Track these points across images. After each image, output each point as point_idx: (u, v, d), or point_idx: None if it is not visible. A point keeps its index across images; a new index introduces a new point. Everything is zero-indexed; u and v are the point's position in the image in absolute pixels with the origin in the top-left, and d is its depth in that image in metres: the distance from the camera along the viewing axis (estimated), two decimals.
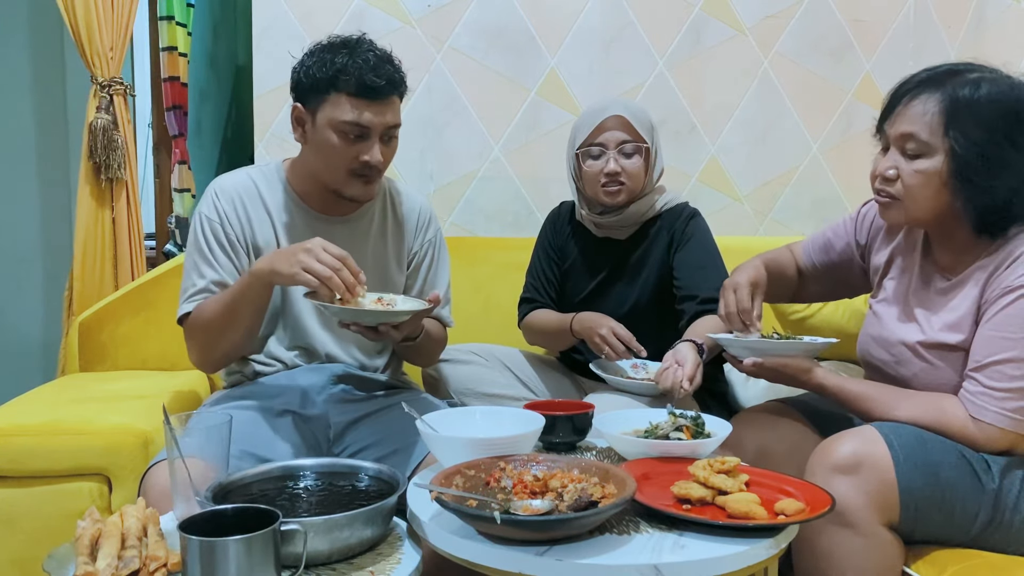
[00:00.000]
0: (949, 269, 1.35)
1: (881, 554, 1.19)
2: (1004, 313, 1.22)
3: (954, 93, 1.24)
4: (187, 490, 1.08)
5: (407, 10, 2.35)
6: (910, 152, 1.28)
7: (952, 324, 1.30)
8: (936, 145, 1.25)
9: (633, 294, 1.82)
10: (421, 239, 1.66)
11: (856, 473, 1.18)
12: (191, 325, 1.48)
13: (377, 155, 1.46)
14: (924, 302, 1.37)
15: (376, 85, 1.42)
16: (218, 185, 1.56)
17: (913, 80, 1.30)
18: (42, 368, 3.04)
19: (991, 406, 1.21)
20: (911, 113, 1.27)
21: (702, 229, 1.82)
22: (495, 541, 0.99)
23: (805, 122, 2.61)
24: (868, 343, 1.45)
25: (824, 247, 1.59)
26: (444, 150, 2.41)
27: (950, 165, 1.25)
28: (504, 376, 1.87)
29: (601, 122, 1.75)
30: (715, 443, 1.26)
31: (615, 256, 1.85)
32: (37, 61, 3.09)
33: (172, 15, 2.85)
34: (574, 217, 1.92)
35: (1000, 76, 1.26)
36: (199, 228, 1.53)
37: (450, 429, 1.26)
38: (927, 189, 1.27)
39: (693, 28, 2.51)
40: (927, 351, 1.32)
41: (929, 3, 2.66)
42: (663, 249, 1.81)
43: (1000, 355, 1.21)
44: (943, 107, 1.24)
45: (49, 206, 3.13)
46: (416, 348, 1.58)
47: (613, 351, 1.65)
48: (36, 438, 1.52)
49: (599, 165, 1.75)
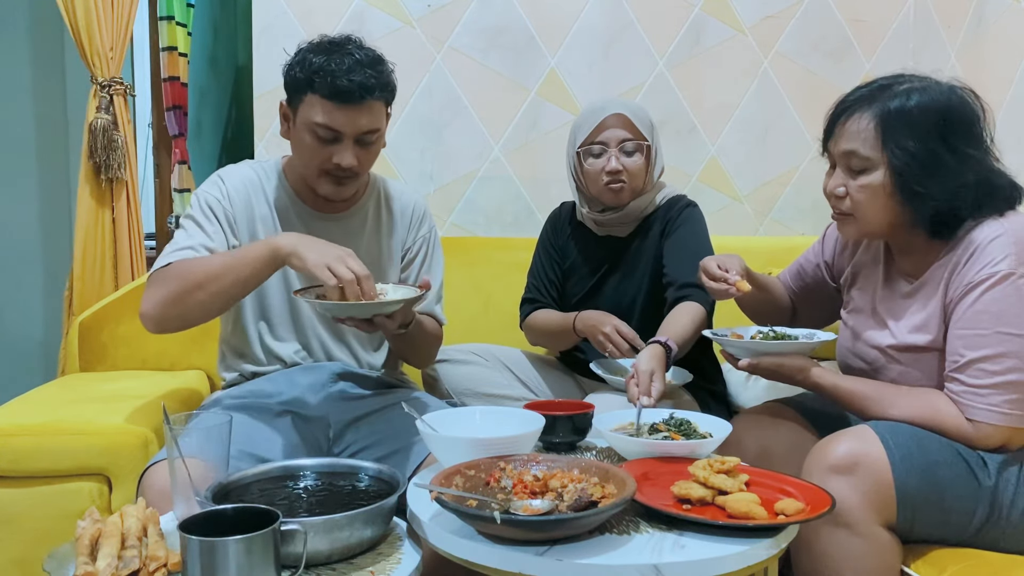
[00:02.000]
0: (911, 273, 1.37)
1: (879, 554, 1.19)
2: (972, 310, 1.24)
3: (886, 107, 1.28)
4: (187, 490, 1.08)
5: (407, 10, 2.35)
6: (854, 168, 1.32)
7: (919, 326, 1.32)
8: (876, 159, 1.29)
9: (632, 289, 1.82)
10: (415, 235, 1.67)
11: (852, 473, 1.18)
12: (165, 272, 1.40)
13: (349, 159, 1.45)
14: (891, 307, 1.38)
15: (347, 89, 1.41)
16: (224, 172, 1.57)
17: (849, 98, 1.34)
18: (42, 368, 3.04)
19: (979, 404, 1.22)
20: (848, 131, 1.31)
21: (694, 218, 1.82)
22: (495, 541, 0.99)
23: (805, 122, 2.61)
24: (845, 355, 1.48)
25: (798, 273, 1.64)
26: (444, 150, 2.41)
27: (892, 177, 1.28)
28: (504, 376, 1.86)
29: (602, 120, 1.76)
30: (715, 443, 1.26)
31: (615, 253, 1.85)
32: (37, 61, 3.09)
33: (172, 15, 2.84)
34: (575, 217, 1.93)
35: (931, 83, 1.30)
36: (200, 202, 1.51)
37: (450, 429, 1.26)
38: (875, 203, 1.31)
39: (693, 28, 2.50)
40: (899, 354, 1.34)
41: (929, 3, 2.66)
42: (657, 240, 1.81)
43: (976, 352, 1.22)
44: (877, 122, 1.28)
45: (49, 206, 3.13)
46: (411, 342, 1.57)
47: (617, 349, 1.65)
48: (36, 438, 1.52)
49: (600, 163, 1.75)
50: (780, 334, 1.48)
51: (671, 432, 1.31)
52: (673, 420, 1.36)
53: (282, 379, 1.53)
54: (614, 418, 1.37)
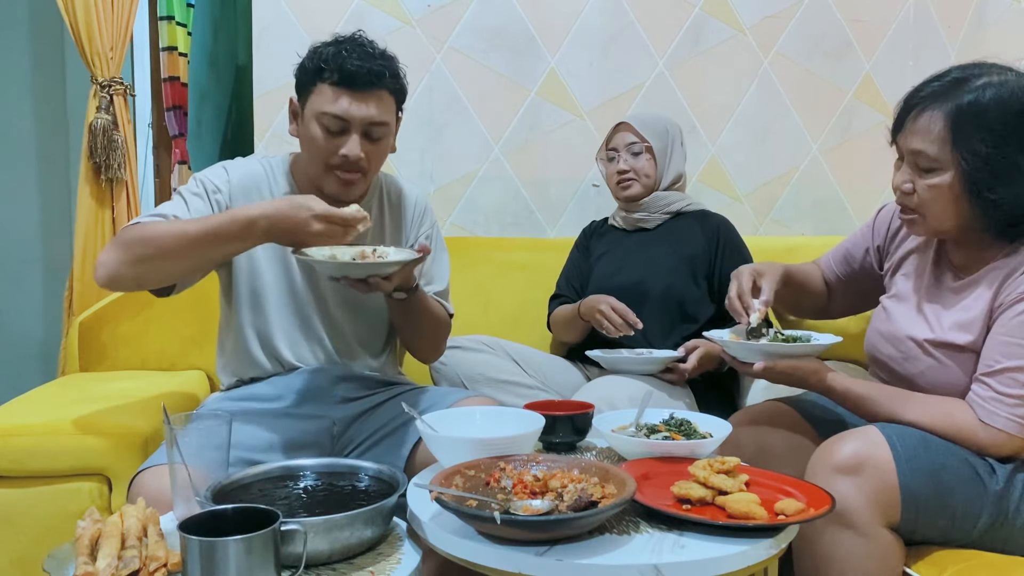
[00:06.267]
0: (962, 268, 1.34)
1: (881, 555, 1.19)
2: (1018, 320, 1.22)
3: (958, 106, 1.22)
4: (187, 490, 1.08)
5: (407, 10, 2.35)
6: (922, 166, 1.27)
7: (962, 324, 1.29)
8: (945, 160, 1.24)
9: (651, 278, 1.92)
10: (417, 231, 1.66)
11: (858, 474, 1.17)
12: (128, 232, 1.35)
13: (355, 149, 1.43)
14: (935, 300, 1.36)
15: (357, 71, 1.40)
16: (231, 163, 1.56)
17: (920, 92, 1.28)
18: (42, 368, 3.04)
19: (1002, 412, 1.21)
20: (918, 129, 1.26)
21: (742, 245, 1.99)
22: (495, 541, 0.99)
23: (805, 122, 2.61)
24: (876, 338, 1.44)
25: (845, 258, 1.59)
26: (444, 150, 2.41)
27: (961, 180, 1.23)
28: (512, 366, 1.91)
29: (613, 129, 2.06)
30: (715, 443, 1.26)
31: (642, 243, 2.01)
32: (37, 61, 3.09)
33: (172, 15, 2.84)
34: (607, 221, 2.15)
35: (1009, 78, 1.23)
36: (196, 182, 1.49)
37: (450, 429, 1.26)
38: (942, 203, 1.27)
39: (693, 28, 2.50)
40: (935, 349, 1.31)
41: (929, 3, 2.66)
42: (694, 244, 1.95)
43: (1013, 362, 1.21)
44: (948, 122, 1.22)
45: (49, 206, 3.13)
46: (415, 321, 1.55)
47: (612, 325, 1.78)
48: (36, 438, 1.52)
49: (613, 166, 2.03)
50: (789, 336, 1.46)
51: (671, 432, 1.31)
52: (673, 420, 1.36)
53: (282, 382, 1.53)
54: (614, 418, 1.37)
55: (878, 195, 2.61)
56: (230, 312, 1.55)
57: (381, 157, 1.51)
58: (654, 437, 1.29)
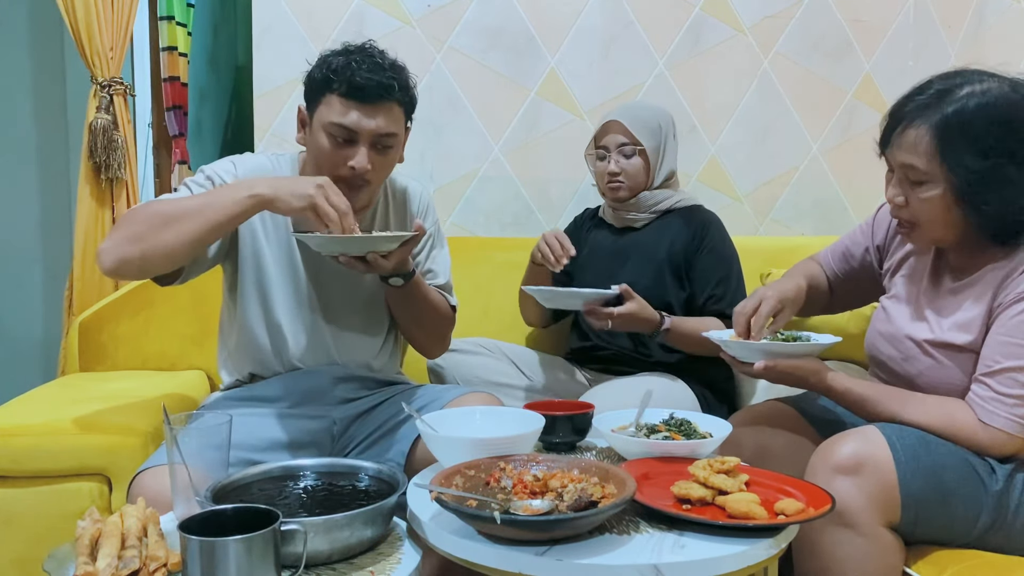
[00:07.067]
0: (961, 268, 1.34)
1: (881, 555, 1.19)
2: (1017, 320, 1.22)
3: (944, 118, 1.22)
4: (187, 490, 1.08)
5: (407, 10, 2.35)
6: (913, 180, 1.27)
7: (962, 324, 1.29)
8: (935, 173, 1.24)
9: (640, 275, 1.88)
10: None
11: (858, 474, 1.17)
12: (132, 212, 1.34)
13: (363, 161, 1.42)
14: (934, 301, 1.36)
15: (366, 85, 1.39)
16: (239, 158, 1.55)
17: (905, 106, 1.28)
18: (42, 368, 3.04)
19: (1001, 412, 1.21)
20: (905, 143, 1.26)
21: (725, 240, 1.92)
22: (495, 541, 0.99)
23: (805, 122, 2.61)
24: (875, 338, 1.44)
25: (844, 256, 1.59)
26: (444, 150, 2.41)
27: (952, 191, 1.24)
28: (510, 368, 1.90)
29: (604, 127, 1.94)
30: (715, 443, 1.26)
31: (631, 241, 1.97)
32: (37, 61, 3.09)
33: (172, 15, 2.84)
34: (597, 213, 2.09)
35: (992, 85, 1.22)
36: (203, 175, 1.48)
37: (450, 429, 1.26)
38: (936, 214, 1.27)
39: (693, 28, 2.51)
40: (935, 349, 1.32)
41: (929, 3, 2.66)
42: (679, 242, 1.89)
43: (1013, 362, 1.21)
44: (934, 136, 1.22)
45: (49, 206, 3.14)
46: (416, 310, 1.55)
47: (551, 253, 1.72)
48: (36, 438, 1.52)
49: (603, 166, 1.93)
50: (789, 336, 1.45)
51: (671, 432, 1.31)
52: (673, 420, 1.36)
53: (281, 382, 1.53)
54: (614, 418, 1.37)
55: (878, 195, 2.56)
56: (234, 306, 1.55)
57: (388, 167, 1.50)
58: (654, 437, 1.29)
